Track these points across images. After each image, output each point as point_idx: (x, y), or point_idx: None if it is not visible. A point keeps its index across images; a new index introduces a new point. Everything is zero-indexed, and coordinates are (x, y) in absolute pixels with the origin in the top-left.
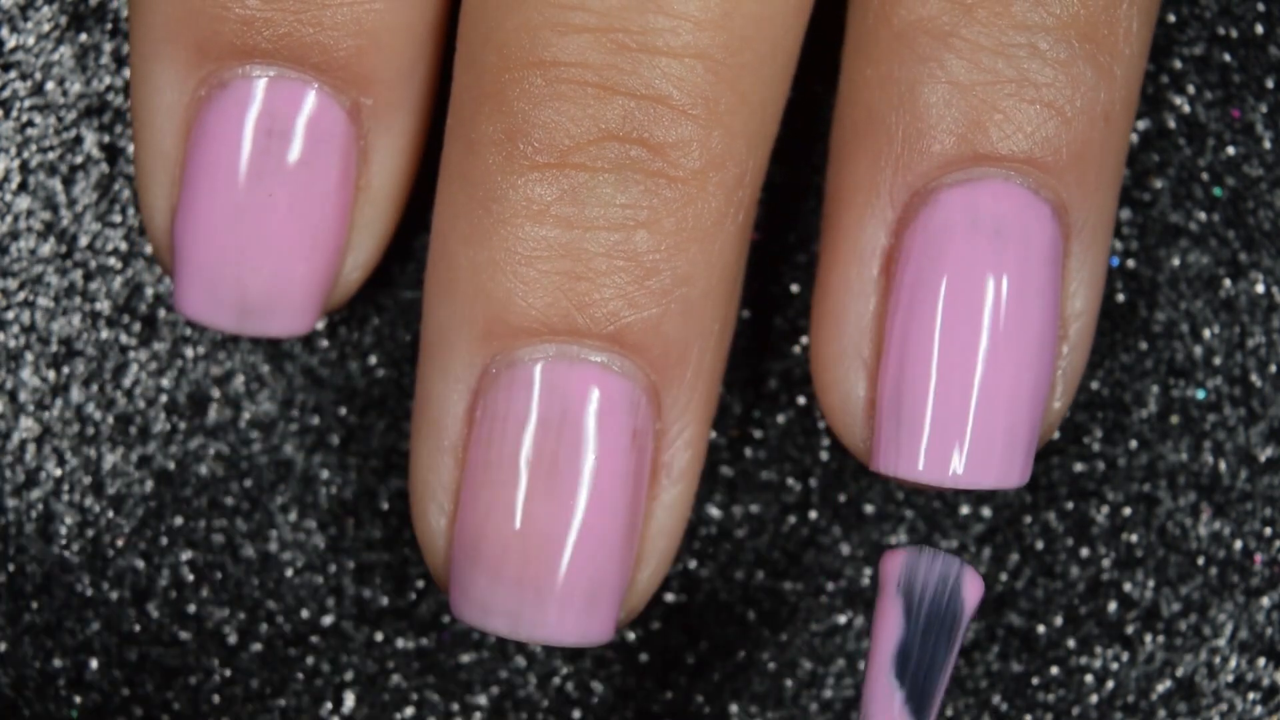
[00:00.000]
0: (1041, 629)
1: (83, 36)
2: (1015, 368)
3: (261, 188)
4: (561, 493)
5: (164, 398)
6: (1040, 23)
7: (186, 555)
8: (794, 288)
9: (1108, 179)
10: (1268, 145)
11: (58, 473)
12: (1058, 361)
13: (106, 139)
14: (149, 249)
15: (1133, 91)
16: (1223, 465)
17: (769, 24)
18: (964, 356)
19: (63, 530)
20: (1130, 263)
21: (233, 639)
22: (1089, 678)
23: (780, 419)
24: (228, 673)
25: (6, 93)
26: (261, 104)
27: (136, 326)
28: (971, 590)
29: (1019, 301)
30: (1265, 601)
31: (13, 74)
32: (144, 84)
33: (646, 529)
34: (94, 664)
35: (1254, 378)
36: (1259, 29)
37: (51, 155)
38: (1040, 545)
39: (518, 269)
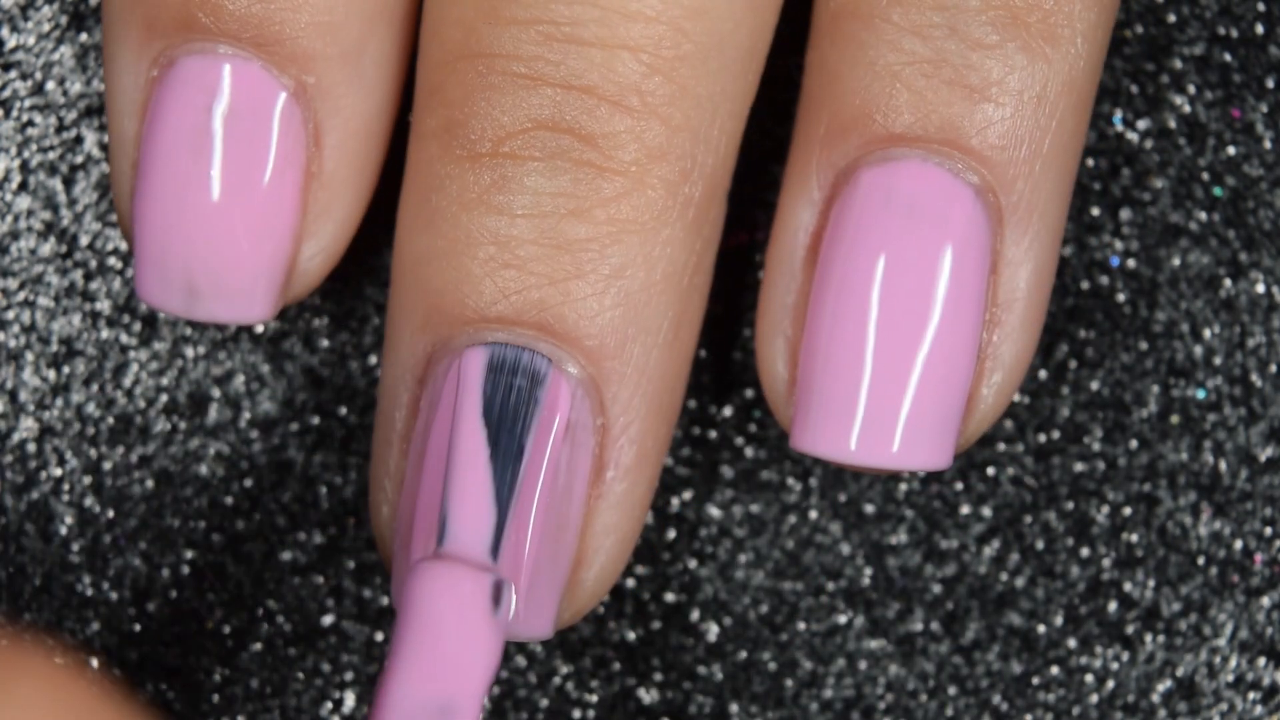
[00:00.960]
0: (1041, 629)
1: (83, 36)
2: (924, 347)
3: (202, 168)
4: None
5: (164, 398)
6: (964, 5)
7: (186, 555)
8: None
9: (1045, 161)
10: (1268, 145)
11: (58, 473)
12: (988, 346)
13: (106, 138)
14: None
15: (1076, 73)
16: (1223, 465)
17: (710, 16)
18: (873, 335)
19: (63, 530)
20: (1130, 263)
21: (233, 639)
22: (1089, 678)
23: None
24: (228, 673)
25: (7, 92)
26: (201, 81)
27: (137, 326)
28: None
29: (931, 280)
30: (1265, 601)
31: (13, 74)
32: (109, 67)
33: (591, 526)
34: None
35: (1254, 378)
36: (1259, 29)
37: (52, 155)
38: (1040, 545)
39: (452, 258)
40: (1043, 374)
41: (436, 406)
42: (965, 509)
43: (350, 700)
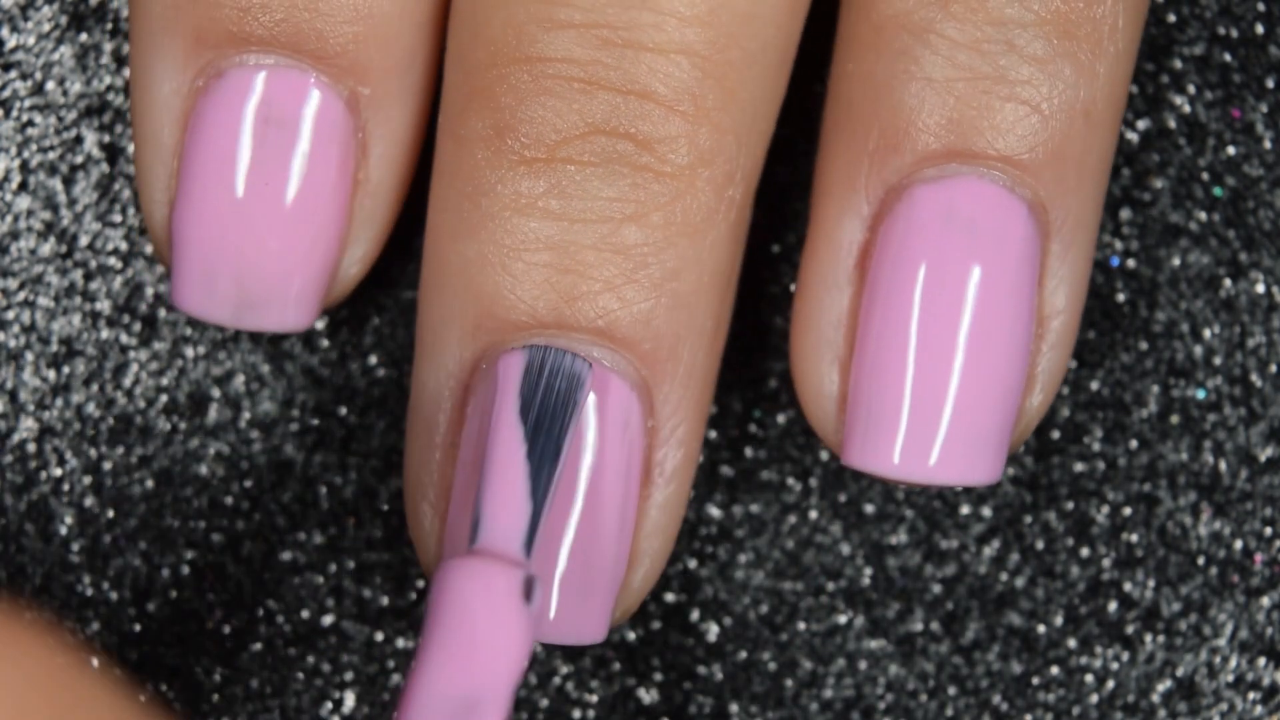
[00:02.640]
0: (1041, 629)
1: (83, 36)
2: (985, 364)
3: (258, 178)
4: (555, 491)
5: (164, 398)
6: (1017, 18)
7: (186, 555)
8: (794, 288)
9: (1089, 176)
10: (1268, 145)
11: (58, 473)
12: (1035, 359)
13: (107, 139)
14: (149, 248)
15: (1118, 88)
16: (1223, 465)
17: (758, 21)
18: (934, 352)
19: (63, 530)
20: (1130, 263)
21: (233, 639)
22: (1089, 678)
23: (780, 419)
24: (228, 673)
25: (7, 92)
26: (259, 92)
27: (137, 326)
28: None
29: (991, 298)
30: (1265, 601)
31: (13, 74)
32: (142, 76)
33: (640, 528)
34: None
35: (1254, 377)
36: (1259, 29)
37: (52, 155)
38: (1040, 545)
39: (505, 262)
40: None
41: (486, 414)
42: (965, 509)
43: (350, 700)
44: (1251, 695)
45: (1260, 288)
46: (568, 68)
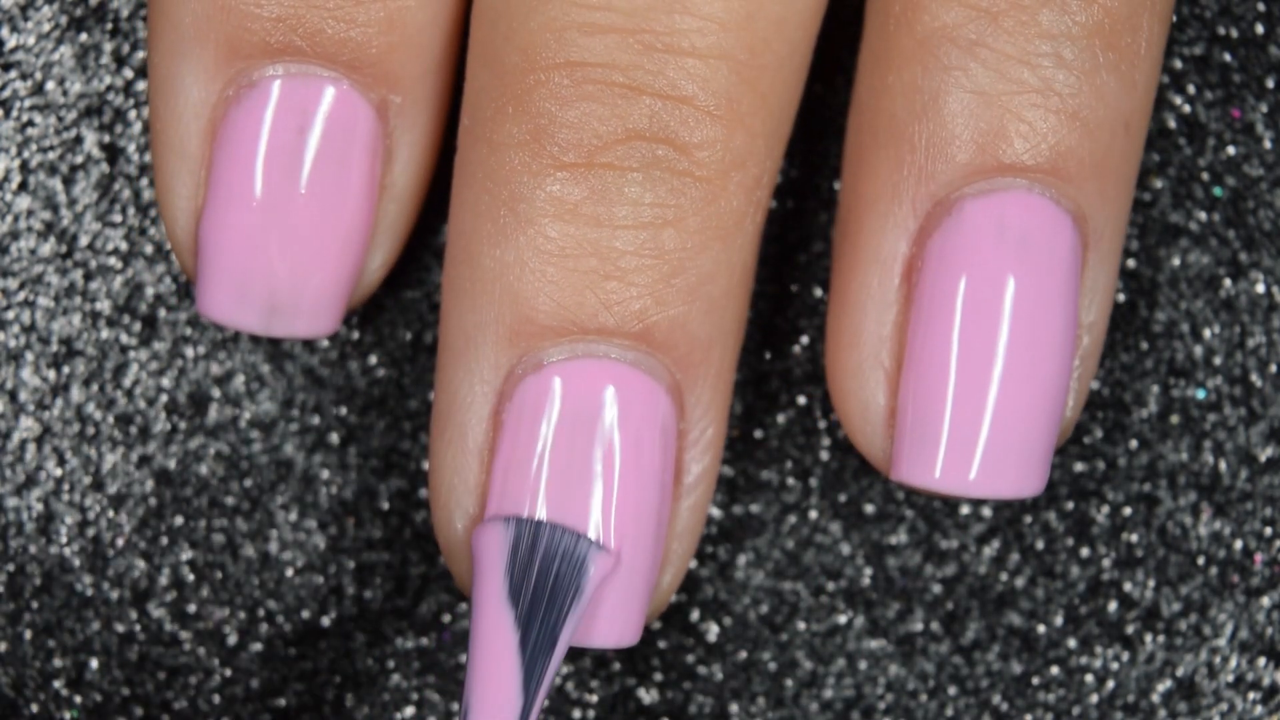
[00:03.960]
0: (1041, 629)
1: (83, 36)
2: (1036, 378)
3: (291, 186)
4: (596, 496)
5: (164, 397)
6: (1065, 31)
7: (186, 555)
8: (794, 288)
9: (1125, 188)
10: (1268, 145)
11: (58, 473)
12: (1073, 371)
13: (107, 139)
14: (149, 249)
15: (1151, 99)
16: (1223, 465)
17: (789, 26)
18: (987, 366)
19: (63, 530)
20: (1130, 263)
21: (233, 639)
22: (1089, 678)
23: (780, 419)
24: (228, 673)
25: (7, 93)
26: (292, 102)
27: (136, 326)
28: (599, 565)
29: (1042, 311)
30: (1265, 601)
31: (13, 74)
32: (167, 83)
33: (671, 530)
34: (94, 664)
35: (1254, 377)
36: (1259, 29)
37: (52, 155)
38: (1040, 545)
39: (544, 268)
40: None
41: (525, 419)
42: (965, 509)
43: (350, 700)
44: (1251, 695)
45: (1260, 288)
46: (609, 73)
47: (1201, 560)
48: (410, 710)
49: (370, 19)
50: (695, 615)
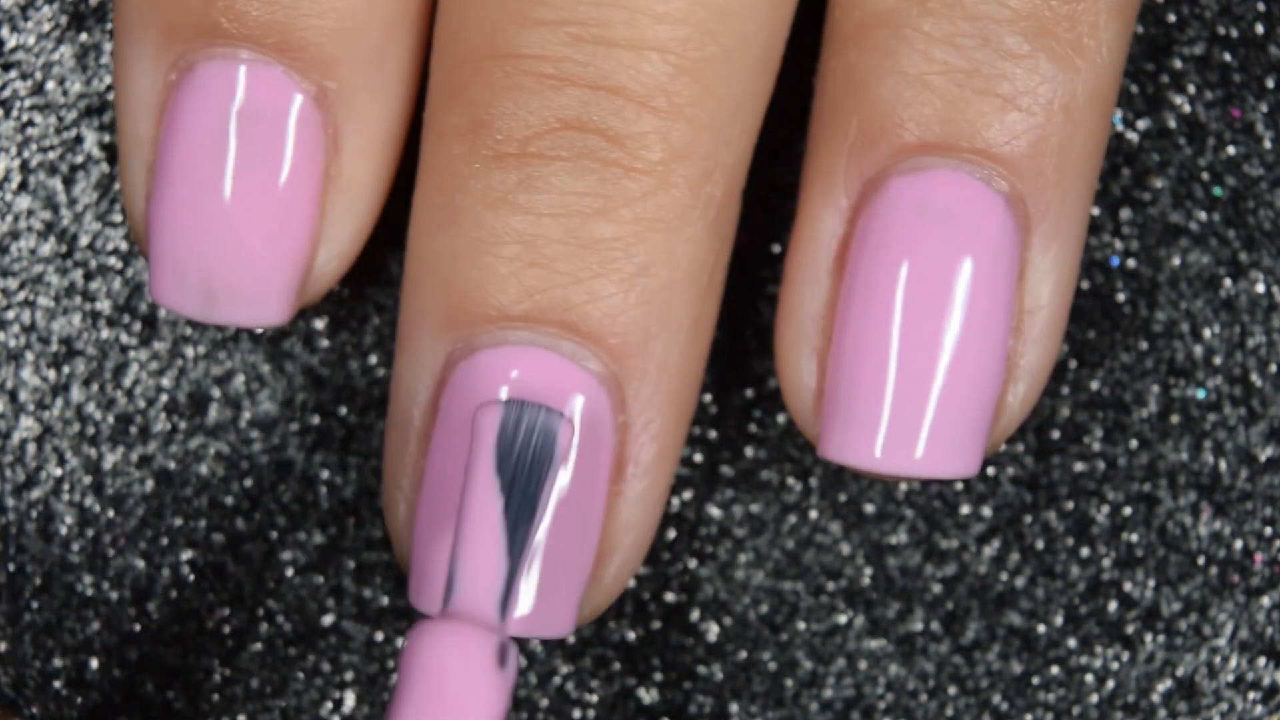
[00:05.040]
0: (1041, 629)
1: (83, 36)
2: (959, 356)
3: (224, 171)
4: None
5: (164, 397)
6: (992, 14)
7: (186, 555)
8: None
9: (1072, 171)
10: (1268, 145)
11: (58, 473)
12: (1016, 352)
13: (107, 138)
14: None
15: (1101, 83)
16: (1223, 465)
17: (736, 18)
18: (907, 343)
19: (63, 530)
20: (1130, 263)
21: (233, 639)
22: (1089, 678)
23: (780, 419)
24: (228, 673)
25: (7, 92)
26: (223, 86)
27: (137, 326)
28: (564, 434)
29: (965, 289)
30: (1265, 601)
31: (13, 74)
32: (121, 70)
33: (611, 523)
34: (94, 664)
35: (1254, 377)
36: (1259, 29)
37: (52, 155)
38: (1040, 545)
39: (477, 256)
40: None
41: (456, 407)
42: (965, 509)
43: (350, 700)
44: (1251, 695)
45: (1260, 288)
46: (540, 64)
47: (1201, 560)
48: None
49: (300, 2)
50: (695, 615)
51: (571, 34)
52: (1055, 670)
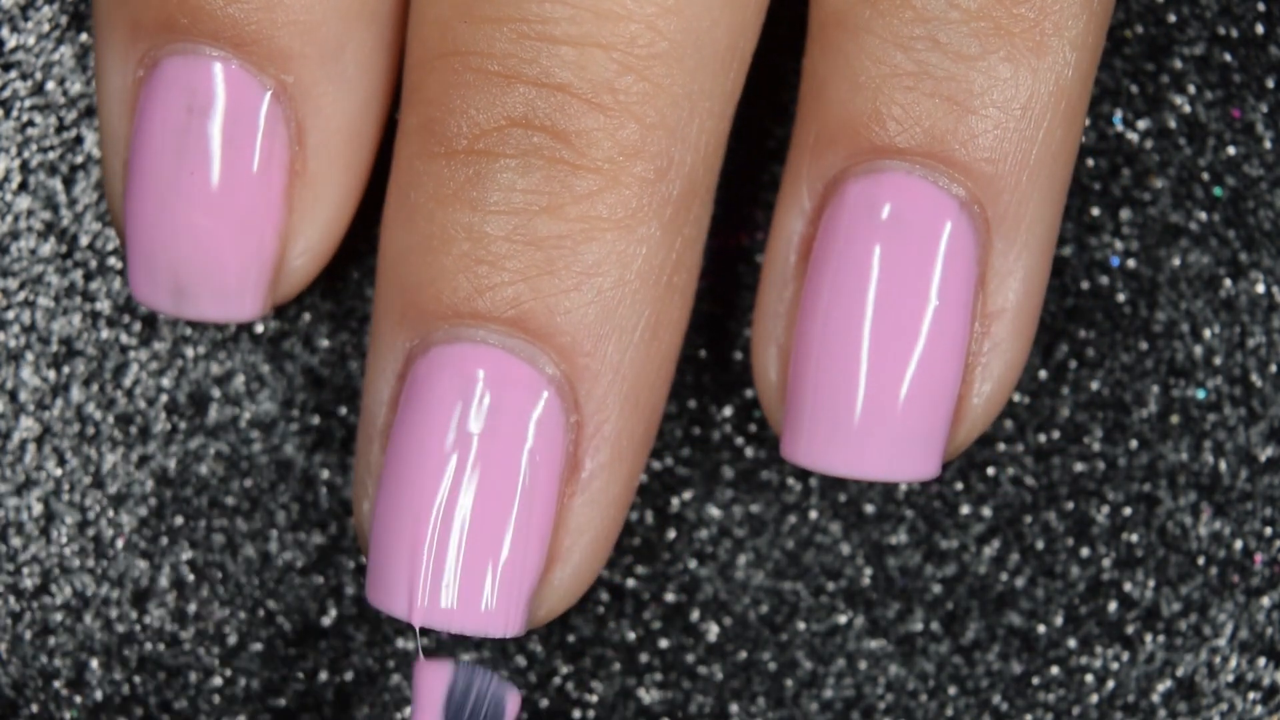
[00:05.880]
0: (1041, 629)
1: (83, 36)
2: (911, 361)
3: (184, 166)
4: (469, 479)
5: (164, 397)
6: (943, 15)
7: (186, 555)
8: None
9: (1033, 173)
10: (1268, 145)
11: (58, 473)
12: (978, 357)
13: None
14: None
15: (1064, 82)
16: (1223, 465)
17: (685, 15)
18: (850, 346)
19: (63, 530)
20: (1130, 263)
21: (233, 639)
22: (1089, 678)
23: None
24: (228, 673)
25: (7, 93)
26: (181, 81)
27: (137, 326)
28: (511, 705)
29: (915, 292)
30: (1265, 601)
31: (13, 74)
32: (98, 68)
33: (563, 525)
34: (94, 664)
35: (1254, 378)
36: (1259, 29)
37: (52, 155)
38: (1040, 545)
39: (428, 253)
40: (1043, 374)
41: (412, 403)
42: (965, 509)
43: (350, 700)
44: (1251, 695)
45: (1260, 288)
46: (486, 61)
47: (1201, 560)
48: (410, 710)
49: None
50: (695, 615)
51: (517, 31)
52: (1055, 670)
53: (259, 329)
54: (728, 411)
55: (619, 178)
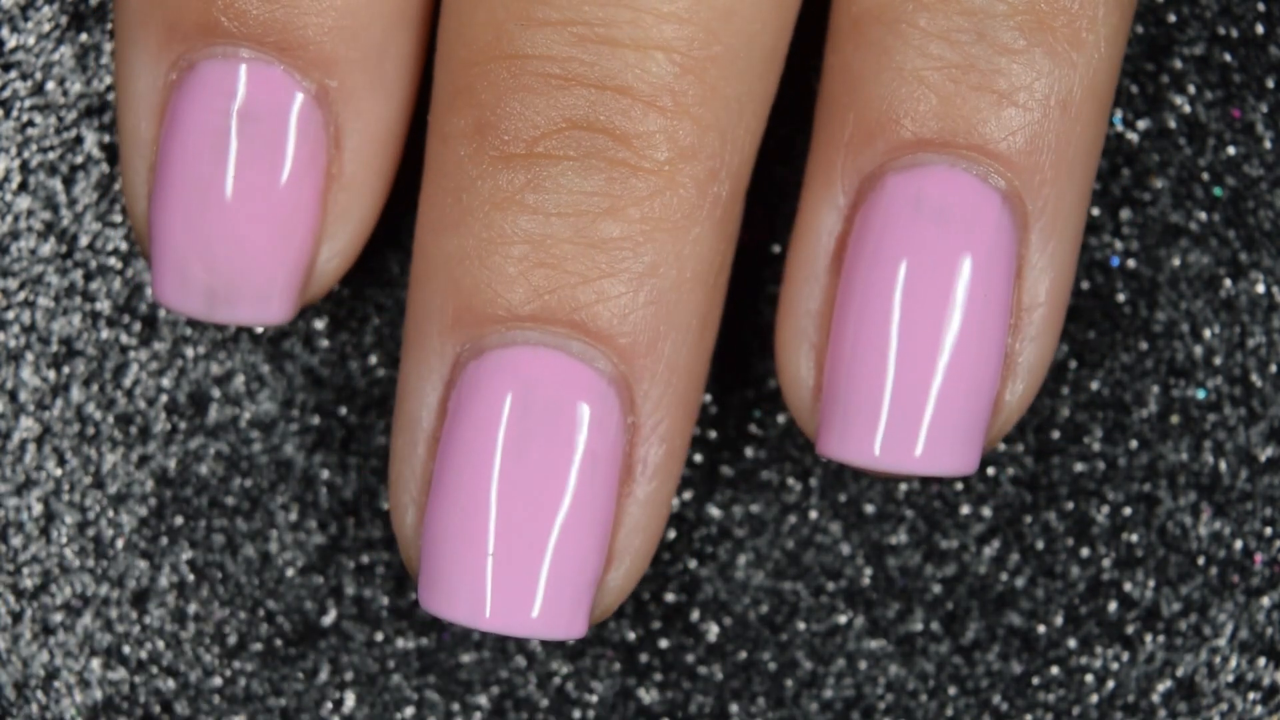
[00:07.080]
0: (1041, 629)
1: (83, 36)
2: (954, 353)
3: (225, 170)
4: (531, 484)
5: (164, 397)
6: (988, 9)
7: (186, 555)
8: None
9: (1069, 167)
10: (1268, 145)
11: (58, 473)
12: (1014, 349)
13: (107, 139)
14: None
15: (1100, 79)
16: (1223, 465)
17: (739, 17)
18: (902, 340)
19: (63, 530)
20: (1130, 263)
21: (233, 639)
22: (1089, 678)
23: (780, 419)
24: (228, 673)
25: (7, 93)
26: (223, 85)
27: (137, 326)
28: None
29: (961, 286)
30: (1265, 601)
31: (13, 74)
32: (122, 70)
33: (620, 525)
34: (94, 664)
35: (1254, 378)
36: (1259, 29)
37: (52, 155)
38: (1040, 545)
39: (485, 257)
40: None
41: (468, 408)
42: (965, 509)
43: (350, 700)
44: (1251, 695)
45: (1260, 288)
46: (545, 64)
47: (1201, 560)
48: (410, 710)
49: (300, 1)
50: (695, 615)
51: (577, 34)
52: (1055, 670)
53: (259, 329)
54: (728, 412)
55: (676, 179)
